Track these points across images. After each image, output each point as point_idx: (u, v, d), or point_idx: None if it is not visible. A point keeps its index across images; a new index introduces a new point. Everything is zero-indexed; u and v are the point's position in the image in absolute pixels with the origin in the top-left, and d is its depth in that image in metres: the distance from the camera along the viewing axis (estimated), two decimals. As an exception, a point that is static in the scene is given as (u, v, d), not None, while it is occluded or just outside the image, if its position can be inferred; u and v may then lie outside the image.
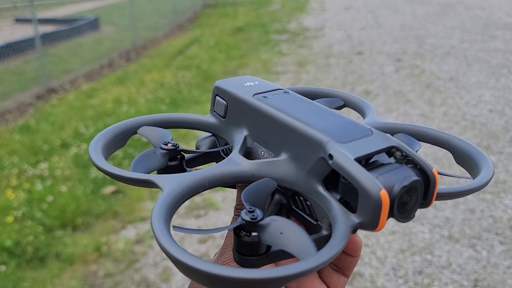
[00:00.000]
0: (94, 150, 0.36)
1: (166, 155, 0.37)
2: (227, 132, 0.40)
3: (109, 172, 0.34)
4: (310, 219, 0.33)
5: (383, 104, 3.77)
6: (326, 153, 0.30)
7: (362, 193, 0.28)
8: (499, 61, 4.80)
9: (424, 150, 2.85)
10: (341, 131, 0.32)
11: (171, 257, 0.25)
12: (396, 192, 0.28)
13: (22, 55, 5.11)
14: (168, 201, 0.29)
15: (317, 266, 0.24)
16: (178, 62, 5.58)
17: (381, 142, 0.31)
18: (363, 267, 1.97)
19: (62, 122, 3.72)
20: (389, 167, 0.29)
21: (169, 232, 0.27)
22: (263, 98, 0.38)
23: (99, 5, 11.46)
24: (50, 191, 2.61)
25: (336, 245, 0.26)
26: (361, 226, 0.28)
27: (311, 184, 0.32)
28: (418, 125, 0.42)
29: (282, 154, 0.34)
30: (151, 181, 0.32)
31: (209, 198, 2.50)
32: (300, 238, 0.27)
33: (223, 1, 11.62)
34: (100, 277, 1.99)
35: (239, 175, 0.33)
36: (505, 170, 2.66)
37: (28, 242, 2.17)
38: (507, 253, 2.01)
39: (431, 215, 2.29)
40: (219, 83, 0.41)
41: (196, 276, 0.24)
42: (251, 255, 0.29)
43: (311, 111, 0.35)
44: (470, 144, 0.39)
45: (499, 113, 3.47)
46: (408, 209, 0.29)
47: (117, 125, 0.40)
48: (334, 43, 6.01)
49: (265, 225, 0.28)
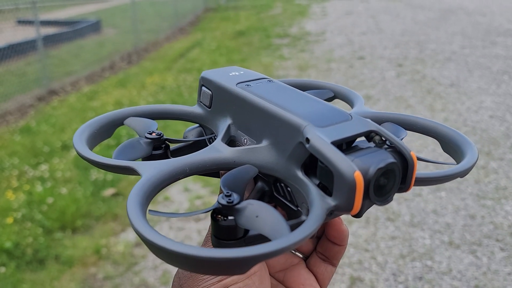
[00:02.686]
0: (78, 139, 0.36)
1: (150, 144, 0.37)
2: (212, 121, 0.40)
3: (90, 160, 0.34)
4: (291, 205, 0.33)
5: (384, 109, 3.77)
6: (303, 137, 0.30)
7: (336, 175, 0.27)
8: (500, 67, 4.81)
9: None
10: (320, 116, 0.32)
11: (144, 239, 0.24)
12: (372, 174, 0.27)
13: (24, 57, 5.12)
14: (145, 186, 0.29)
15: (288, 247, 0.24)
16: (179, 65, 5.59)
17: (359, 127, 0.31)
18: (363, 272, 1.96)
19: (63, 124, 3.73)
20: (366, 150, 0.29)
21: (144, 215, 0.26)
22: (246, 86, 0.38)
23: (101, 7, 11.50)
24: (50, 193, 2.60)
25: (310, 227, 0.26)
26: (337, 208, 0.28)
27: (290, 169, 0.32)
28: (405, 114, 0.42)
29: (263, 141, 0.34)
30: (131, 168, 0.32)
31: (210, 202, 2.50)
32: (275, 220, 0.27)
33: (224, 5, 11.65)
34: (100, 279, 1.98)
35: (220, 162, 0.33)
36: (506, 176, 2.66)
37: (27, 244, 2.17)
38: (508, 260, 2.00)
39: (432, 221, 2.28)
40: (205, 73, 0.42)
41: (169, 257, 0.24)
42: (228, 239, 0.29)
43: (292, 98, 0.36)
44: (456, 131, 0.39)
45: (500, 119, 3.47)
46: (385, 192, 0.29)
47: (103, 116, 0.40)
48: (335, 48, 6.02)
49: (241, 209, 0.28)
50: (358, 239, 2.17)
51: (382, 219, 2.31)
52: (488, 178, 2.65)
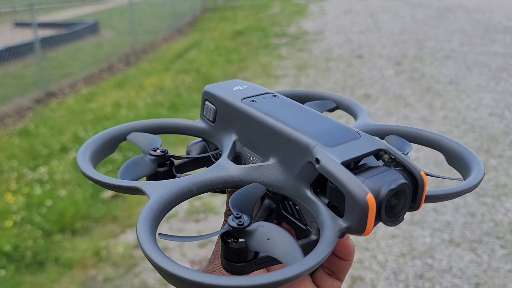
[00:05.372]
0: (82, 158, 0.36)
1: (155, 161, 0.37)
2: (216, 137, 0.40)
3: (96, 180, 0.33)
4: (299, 223, 0.33)
5: (383, 107, 3.77)
6: (313, 157, 0.30)
7: (348, 197, 0.27)
8: (499, 64, 4.80)
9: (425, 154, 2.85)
10: (329, 135, 0.32)
11: (155, 265, 0.24)
12: (383, 195, 0.27)
13: (22, 59, 5.11)
14: (154, 208, 0.29)
15: (303, 272, 0.24)
16: (177, 66, 5.58)
17: (368, 145, 0.31)
18: (364, 271, 1.96)
19: (61, 126, 3.72)
20: (376, 170, 0.29)
21: (155, 240, 0.26)
22: (252, 102, 0.37)
23: (99, 9, 11.49)
24: (49, 195, 2.60)
25: (323, 251, 0.26)
26: (349, 230, 0.28)
27: (299, 188, 0.32)
28: (409, 127, 0.41)
29: (271, 159, 0.34)
30: (138, 188, 0.31)
31: (209, 202, 2.49)
32: (287, 243, 0.26)
33: (222, 5, 11.65)
34: (99, 281, 1.98)
35: (227, 181, 0.33)
36: (506, 173, 2.66)
37: (27, 246, 2.16)
38: (508, 257, 2.00)
39: (432, 219, 2.28)
40: (208, 87, 0.41)
41: (181, 285, 0.24)
42: (238, 261, 0.29)
43: (299, 115, 0.35)
44: (462, 145, 0.39)
45: (499, 117, 3.46)
46: (396, 212, 0.29)
47: (106, 131, 0.40)
48: (333, 47, 6.02)
49: (252, 231, 0.28)
50: (358, 238, 2.17)
51: (382, 217, 2.31)
52: (487, 175, 2.65)
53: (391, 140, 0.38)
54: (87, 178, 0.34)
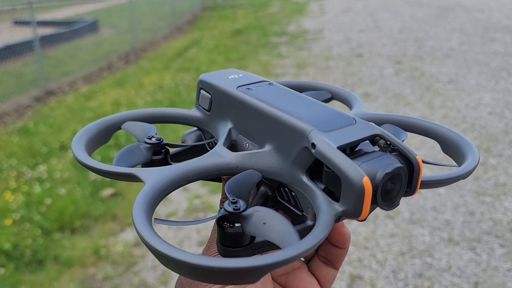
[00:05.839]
0: (77, 145, 0.36)
1: (150, 149, 0.37)
2: (212, 125, 0.40)
3: (91, 167, 0.33)
4: (296, 210, 0.33)
5: (383, 106, 3.77)
6: (309, 142, 0.30)
7: (344, 181, 0.27)
8: (499, 63, 4.80)
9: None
10: (325, 120, 0.32)
11: (151, 248, 0.24)
12: (379, 179, 0.27)
13: (21, 58, 5.10)
14: (150, 194, 0.29)
15: (299, 255, 0.24)
16: (177, 65, 5.58)
17: (364, 131, 0.31)
18: (363, 270, 1.96)
19: (60, 124, 3.72)
20: (372, 155, 0.29)
21: (150, 224, 0.26)
22: (247, 90, 0.38)
23: (98, 7, 11.48)
24: (49, 194, 2.60)
25: (319, 234, 0.26)
26: (345, 214, 0.28)
27: (295, 174, 0.32)
28: (404, 115, 0.42)
29: (266, 145, 0.34)
30: (133, 175, 0.31)
31: (208, 201, 2.50)
32: (283, 227, 0.26)
33: (222, 3, 11.64)
34: (99, 280, 1.98)
35: (222, 167, 0.33)
36: (505, 172, 2.66)
37: (26, 245, 2.16)
38: (507, 256, 2.00)
39: (431, 218, 2.28)
40: (203, 76, 0.41)
41: (177, 267, 0.24)
42: (235, 246, 0.29)
43: (295, 102, 0.35)
44: (456, 133, 0.39)
45: (499, 116, 3.47)
46: (392, 196, 0.29)
47: (101, 120, 0.40)
48: (333, 46, 6.02)
49: (248, 216, 0.28)
50: (357, 237, 2.17)
51: (381, 216, 2.31)
52: (487, 174, 2.65)
53: (386, 128, 0.38)
54: (82, 165, 0.34)
